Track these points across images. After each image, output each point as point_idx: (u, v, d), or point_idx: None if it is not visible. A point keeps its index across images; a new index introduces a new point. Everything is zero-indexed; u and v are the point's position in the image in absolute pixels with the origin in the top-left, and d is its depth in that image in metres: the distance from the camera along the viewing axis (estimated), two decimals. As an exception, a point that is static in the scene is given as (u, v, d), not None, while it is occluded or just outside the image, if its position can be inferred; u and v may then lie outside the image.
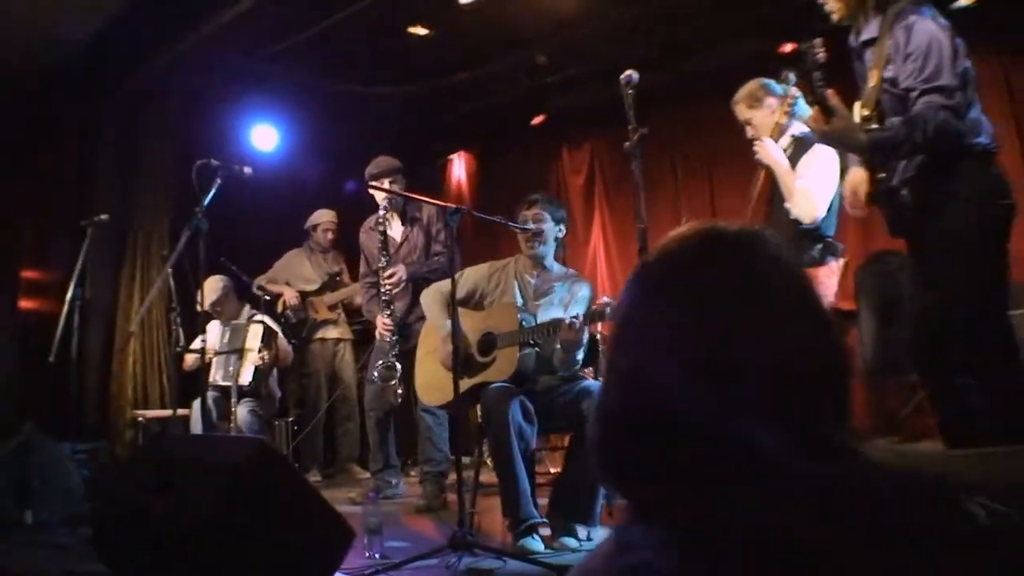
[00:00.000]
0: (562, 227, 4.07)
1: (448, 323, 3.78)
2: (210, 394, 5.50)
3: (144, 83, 6.33)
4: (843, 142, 2.78)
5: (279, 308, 6.21)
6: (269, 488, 2.22)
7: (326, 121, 7.37)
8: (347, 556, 2.71)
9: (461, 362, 3.76)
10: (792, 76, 3.84)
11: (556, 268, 4.10)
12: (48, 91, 6.30)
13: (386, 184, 4.88)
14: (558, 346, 3.72)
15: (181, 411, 5.42)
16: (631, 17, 6.28)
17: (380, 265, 4.81)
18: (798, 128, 3.75)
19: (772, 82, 3.82)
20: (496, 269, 4.13)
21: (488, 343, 3.88)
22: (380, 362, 4.69)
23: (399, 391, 4.61)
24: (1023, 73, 5.63)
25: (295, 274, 6.37)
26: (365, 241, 5.18)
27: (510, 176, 7.84)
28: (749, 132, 3.84)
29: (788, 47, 5.69)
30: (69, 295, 4.89)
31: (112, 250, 6.47)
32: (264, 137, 7.15)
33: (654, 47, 6.53)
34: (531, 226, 3.96)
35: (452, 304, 3.55)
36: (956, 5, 5.77)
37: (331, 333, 6.31)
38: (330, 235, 6.44)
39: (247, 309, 5.90)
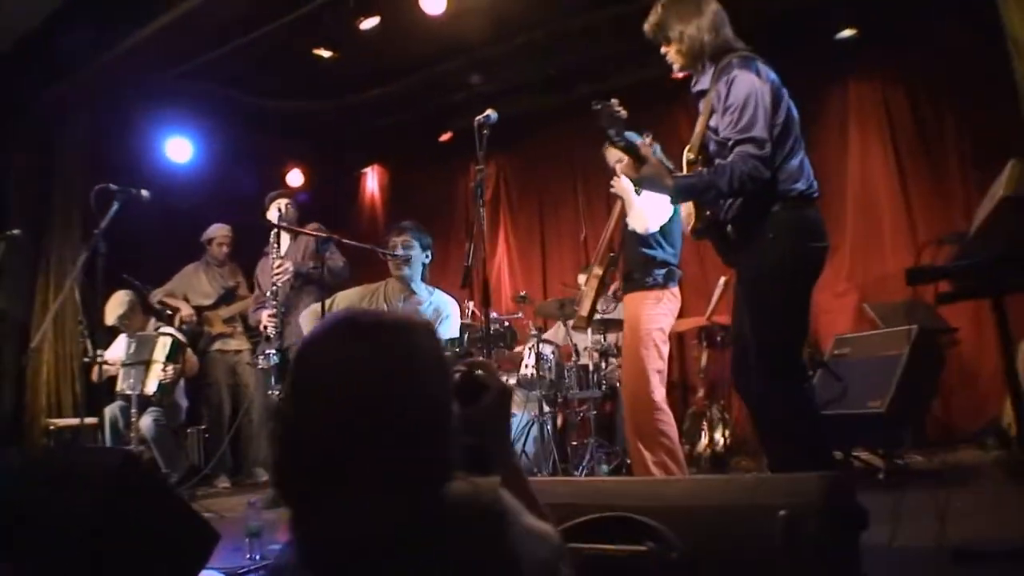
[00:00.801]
0: (428, 253, 4.42)
1: None
2: (117, 404, 5.72)
3: (58, 98, 6.43)
4: (652, 186, 2.99)
5: (176, 323, 6.33)
6: (135, 495, 2.48)
7: (241, 133, 7.55)
8: (230, 558, 2.94)
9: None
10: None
11: (422, 290, 4.43)
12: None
13: (282, 204, 5.17)
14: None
15: (90, 420, 5.57)
16: (536, 39, 6.64)
17: (272, 263, 5.00)
18: None
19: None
20: (367, 293, 4.45)
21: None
22: (266, 351, 4.83)
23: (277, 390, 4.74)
24: (900, 100, 6.12)
25: (192, 288, 6.53)
26: (259, 270, 5.42)
27: (420, 190, 8.14)
28: (619, 170, 4.22)
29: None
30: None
31: (28, 263, 6.56)
32: (179, 149, 7.34)
33: (555, 67, 6.91)
34: (400, 253, 4.28)
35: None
36: (839, 36, 6.27)
37: (230, 344, 6.50)
38: (225, 248, 6.60)
39: (153, 322, 6.08)
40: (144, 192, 4.58)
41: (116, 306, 5.85)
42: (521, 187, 7.58)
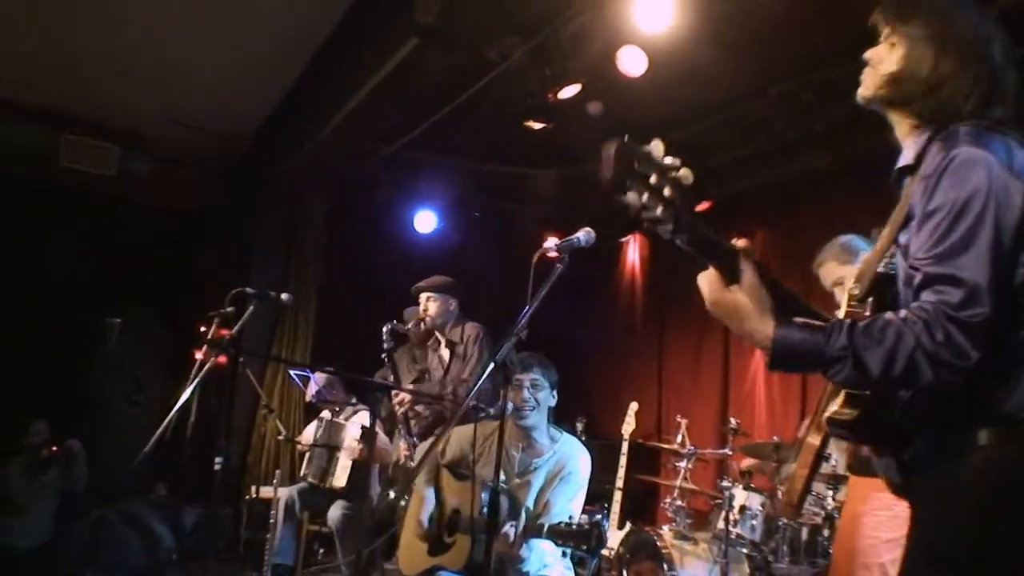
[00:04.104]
0: (555, 393, 3.53)
1: (427, 492, 3.49)
2: (297, 487, 5.60)
3: (290, 175, 6.61)
4: (732, 324, 1.65)
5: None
6: None
7: (483, 202, 7.26)
8: None
9: (431, 536, 3.42)
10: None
11: (544, 437, 3.55)
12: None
13: (423, 300, 4.68)
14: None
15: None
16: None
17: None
18: None
19: (856, 238, 3.10)
20: (483, 434, 3.65)
21: (454, 523, 3.45)
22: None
23: None
24: None
25: (402, 370, 6.28)
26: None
27: (681, 265, 7.10)
28: (839, 295, 2.99)
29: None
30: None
31: (268, 323, 6.79)
32: (424, 222, 7.29)
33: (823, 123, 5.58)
34: (527, 398, 3.46)
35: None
36: None
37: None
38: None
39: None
40: (284, 296, 4.32)
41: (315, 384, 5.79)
42: (782, 267, 6.25)
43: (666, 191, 1.51)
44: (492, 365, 2.37)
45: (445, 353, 4.95)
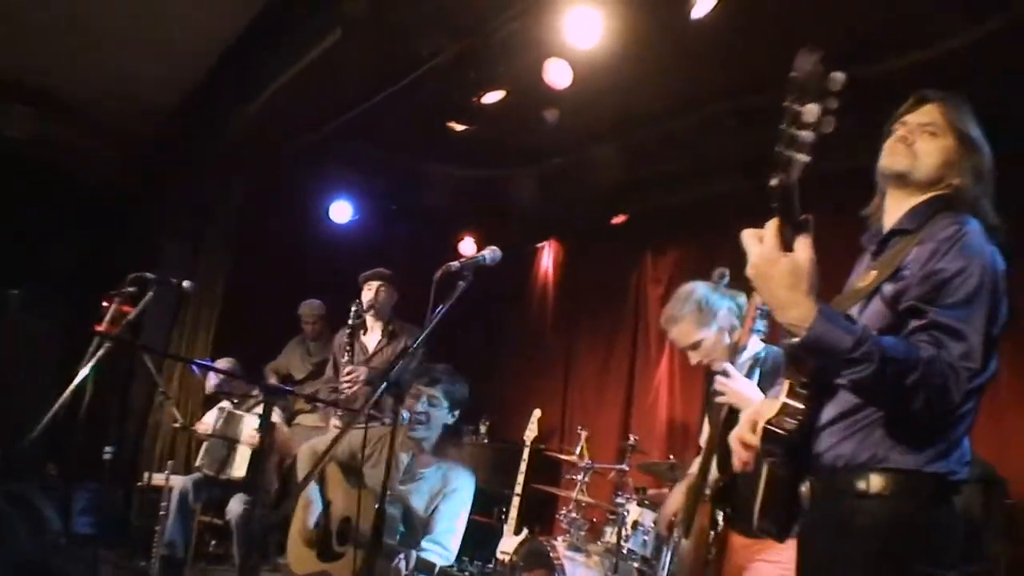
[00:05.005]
0: (456, 413, 3.52)
1: (312, 491, 3.44)
2: (192, 477, 5.45)
3: (209, 154, 6.42)
4: (775, 291, 1.66)
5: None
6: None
7: (404, 197, 7.20)
8: None
9: (320, 540, 3.37)
10: (726, 273, 3.03)
11: (434, 454, 3.54)
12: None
13: (372, 288, 4.74)
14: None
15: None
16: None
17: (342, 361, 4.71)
18: (757, 345, 2.92)
19: (708, 291, 2.98)
20: (374, 437, 3.63)
21: (344, 533, 3.41)
22: None
23: None
24: None
25: (291, 362, 6.27)
26: (337, 348, 5.03)
27: (593, 273, 7.22)
28: (694, 358, 2.99)
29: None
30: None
31: (169, 310, 6.58)
32: (340, 212, 7.21)
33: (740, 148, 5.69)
34: (420, 410, 3.43)
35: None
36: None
37: (307, 421, 5.94)
38: (313, 327, 6.26)
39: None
40: (186, 283, 4.17)
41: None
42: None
43: (826, 125, 1.53)
44: (385, 384, 2.34)
45: (373, 340, 4.93)
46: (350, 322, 4.92)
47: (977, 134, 1.89)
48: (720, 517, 2.89)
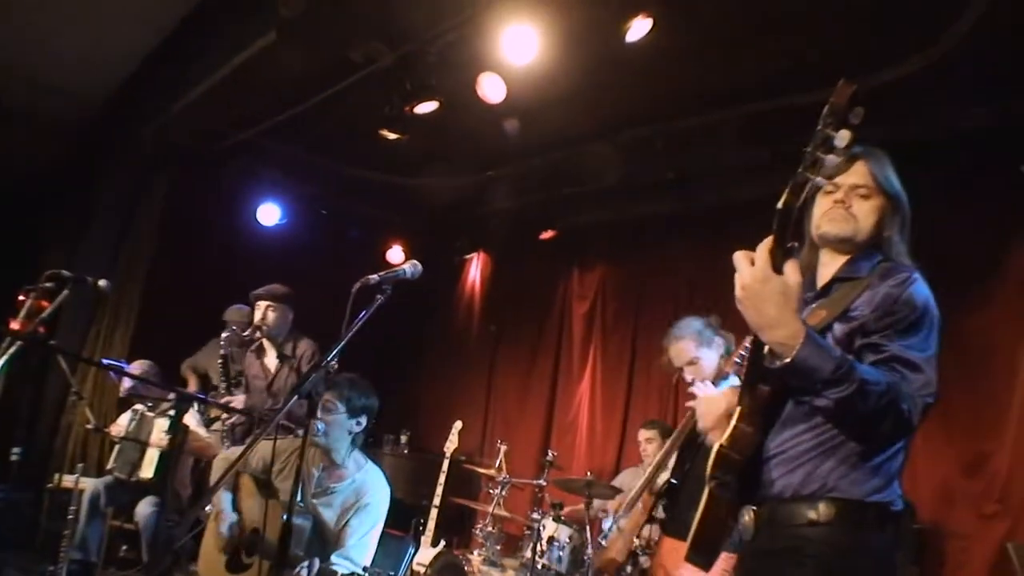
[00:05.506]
0: (362, 420, 3.44)
1: (224, 498, 3.37)
2: (103, 480, 5.29)
3: (137, 147, 6.27)
4: (760, 313, 1.70)
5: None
6: None
7: (332, 203, 7.12)
8: None
9: (230, 550, 3.29)
10: (719, 320, 3.46)
11: (349, 463, 3.47)
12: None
13: (261, 308, 4.57)
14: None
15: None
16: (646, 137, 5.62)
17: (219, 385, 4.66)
18: (735, 381, 3.05)
19: (704, 325, 3.43)
20: (287, 448, 3.55)
21: (252, 544, 3.33)
22: None
23: None
24: None
25: (211, 363, 5.97)
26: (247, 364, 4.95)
27: (520, 287, 7.27)
28: (689, 375, 3.35)
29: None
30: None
31: (85, 309, 6.39)
32: (268, 214, 7.08)
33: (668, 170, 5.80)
34: (318, 416, 3.35)
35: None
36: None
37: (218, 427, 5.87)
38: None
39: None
40: (102, 282, 4.04)
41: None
42: (618, 306, 6.44)
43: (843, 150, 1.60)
44: (296, 396, 2.31)
45: (271, 363, 4.81)
46: (221, 349, 4.86)
47: (899, 187, 2.01)
48: (660, 512, 3.33)
